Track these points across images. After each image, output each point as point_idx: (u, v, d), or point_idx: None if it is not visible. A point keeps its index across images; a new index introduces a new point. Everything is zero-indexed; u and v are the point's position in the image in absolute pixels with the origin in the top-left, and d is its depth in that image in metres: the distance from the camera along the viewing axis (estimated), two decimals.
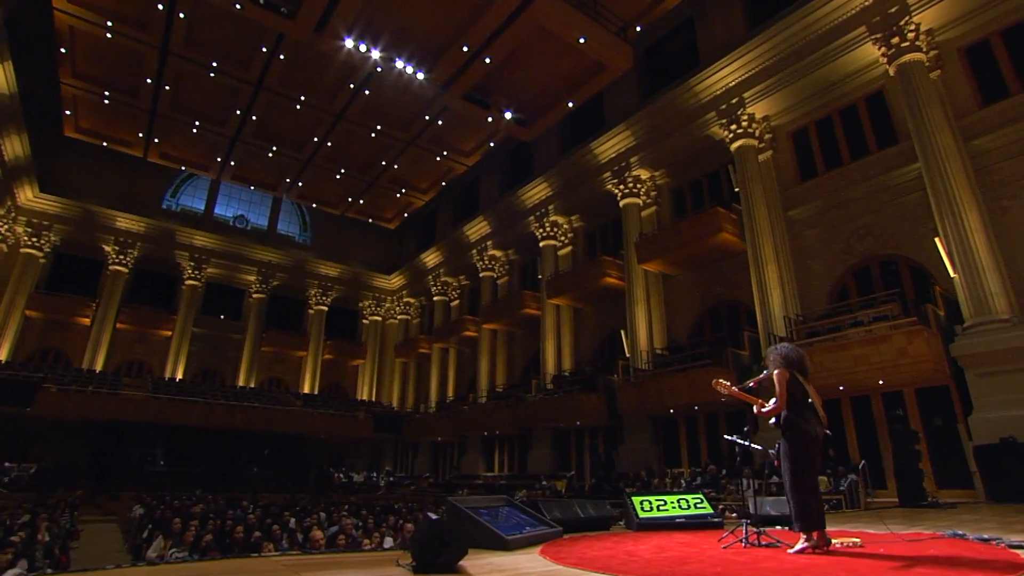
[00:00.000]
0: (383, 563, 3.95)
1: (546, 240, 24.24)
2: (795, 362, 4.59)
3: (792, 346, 4.74)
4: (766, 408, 4.63)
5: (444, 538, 3.50)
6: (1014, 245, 11.92)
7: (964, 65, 13.57)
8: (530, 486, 18.86)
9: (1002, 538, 4.67)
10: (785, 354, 4.61)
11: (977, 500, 10.27)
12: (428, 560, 3.45)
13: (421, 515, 4.52)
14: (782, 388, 4.52)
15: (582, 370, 21.51)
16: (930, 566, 3.41)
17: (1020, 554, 3.97)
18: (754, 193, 16.36)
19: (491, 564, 3.80)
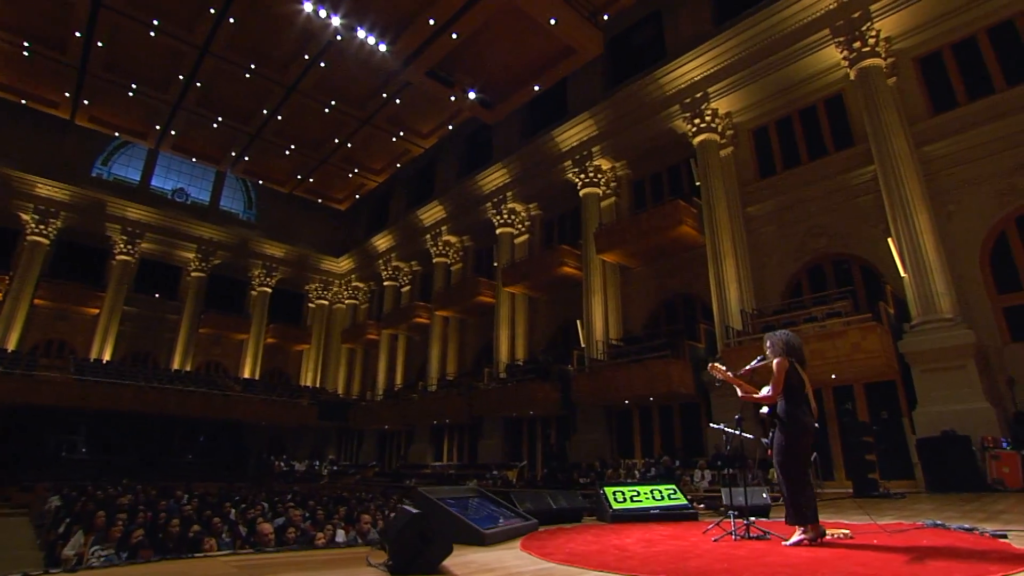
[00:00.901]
0: (351, 562, 3.51)
1: (503, 227, 23.87)
2: (796, 351, 4.42)
3: (792, 334, 4.56)
4: (759, 395, 4.43)
5: (426, 534, 3.10)
6: (957, 249, 12.41)
7: (918, 74, 14.02)
8: (480, 476, 18.55)
9: (977, 527, 4.67)
10: (787, 341, 4.43)
11: (918, 490, 10.62)
12: (407, 559, 3.04)
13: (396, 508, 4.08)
14: (780, 377, 4.33)
15: (536, 359, 21.32)
16: (940, 558, 3.28)
17: (1010, 543, 3.92)
18: (715, 188, 16.48)
19: (475, 563, 3.43)
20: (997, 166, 12.32)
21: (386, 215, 32.21)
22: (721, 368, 4.65)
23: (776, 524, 4.76)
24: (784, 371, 4.33)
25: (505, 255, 23.39)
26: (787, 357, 4.37)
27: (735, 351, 13.70)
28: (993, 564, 3.14)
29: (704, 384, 15.16)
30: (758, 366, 4.67)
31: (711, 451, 14.39)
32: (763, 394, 4.42)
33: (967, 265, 12.27)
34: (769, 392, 4.36)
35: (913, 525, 4.85)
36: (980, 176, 12.51)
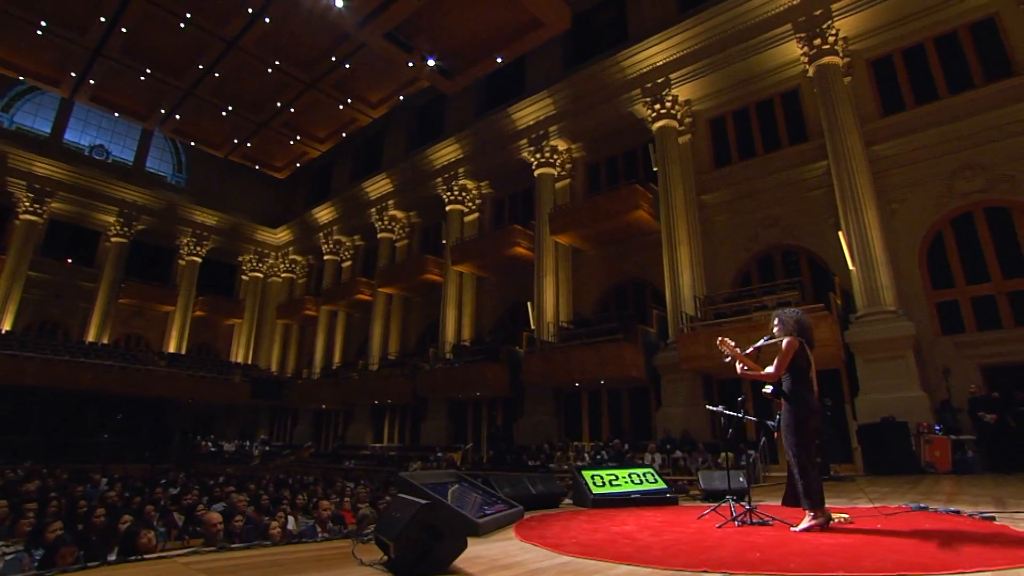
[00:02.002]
0: (335, 561, 3.06)
1: (453, 204, 23.26)
2: (806, 331, 4.27)
3: (803, 314, 4.41)
4: (762, 372, 4.29)
5: (437, 528, 2.69)
6: (899, 245, 12.96)
7: (870, 75, 14.48)
8: (425, 458, 18.12)
9: (960, 509, 4.75)
10: (798, 320, 4.29)
11: (857, 473, 11.09)
12: (414, 557, 2.63)
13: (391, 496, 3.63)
14: (787, 356, 4.19)
15: (483, 340, 21.01)
16: (965, 542, 3.20)
17: (1008, 525, 3.95)
18: (672, 174, 16.55)
19: (482, 558, 3.06)
20: (938, 169, 12.91)
21: (328, 186, 30.79)
22: (730, 343, 4.48)
23: (771, 508, 4.64)
24: (793, 351, 4.19)
25: (455, 233, 22.82)
26: (797, 337, 4.22)
27: (689, 337, 13.85)
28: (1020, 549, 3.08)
29: (655, 368, 15.32)
30: (765, 345, 4.51)
31: (660, 435, 14.55)
32: (766, 371, 4.27)
33: (907, 261, 12.84)
34: (772, 370, 4.21)
35: (900, 508, 4.87)
36: (922, 178, 13.08)
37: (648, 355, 15.50)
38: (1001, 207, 12.10)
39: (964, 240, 12.45)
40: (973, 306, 12.07)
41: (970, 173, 12.41)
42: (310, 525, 5.91)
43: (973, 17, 13.21)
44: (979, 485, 7.82)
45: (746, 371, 4.41)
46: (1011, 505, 5.32)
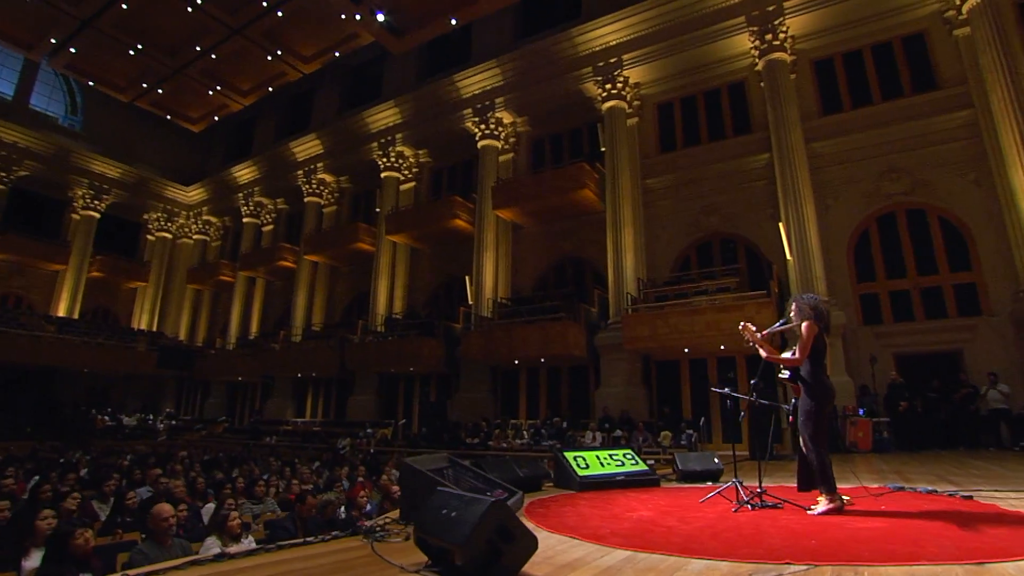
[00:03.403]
0: (369, 569, 2.65)
1: (389, 171, 22.26)
2: (823, 317, 4.25)
3: (820, 299, 4.39)
4: (785, 357, 4.25)
5: (508, 530, 2.37)
6: (831, 239, 13.72)
7: (813, 75, 15.11)
8: (354, 434, 17.45)
9: (934, 488, 5.02)
10: (815, 306, 4.26)
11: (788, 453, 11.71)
12: (483, 564, 2.29)
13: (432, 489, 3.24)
14: (808, 342, 4.16)
15: (416, 313, 20.43)
16: (981, 524, 3.29)
17: (996, 504, 4.18)
18: (620, 156, 16.61)
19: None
20: (868, 170, 13.73)
21: (250, 143, 28.56)
22: (752, 328, 4.42)
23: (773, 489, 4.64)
24: (813, 335, 4.17)
25: (389, 201, 21.90)
26: (815, 322, 4.20)
27: (633, 318, 14.04)
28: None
29: (596, 348, 15.47)
30: (781, 329, 4.49)
31: (599, 414, 14.72)
32: (789, 356, 4.24)
33: (837, 254, 13.63)
34: (796, 355, 4.19)
35: (882, 488, 5.06)
36: (854, 177, 13.87)
37: (589, 334, 15.62)
38: (920, 209, 13.08)
39: (887, 238, 13.37)
40: (891, 299, 13.04)
41: (896, 176, 13.29)
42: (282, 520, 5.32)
43: (906, 31, 14.05)
44: (907, 463, 8.45)
45: (772, 357, 4.33)
46: (960, 482, 5.73)
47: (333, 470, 8.59)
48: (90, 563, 3.68)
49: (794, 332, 4.42)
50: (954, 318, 12.19)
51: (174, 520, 4.18)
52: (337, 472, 8.35)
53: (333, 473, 8.33)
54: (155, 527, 4.05)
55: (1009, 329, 11.51)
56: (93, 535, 3.96)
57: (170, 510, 4.16)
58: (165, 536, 4.03)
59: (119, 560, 3.99)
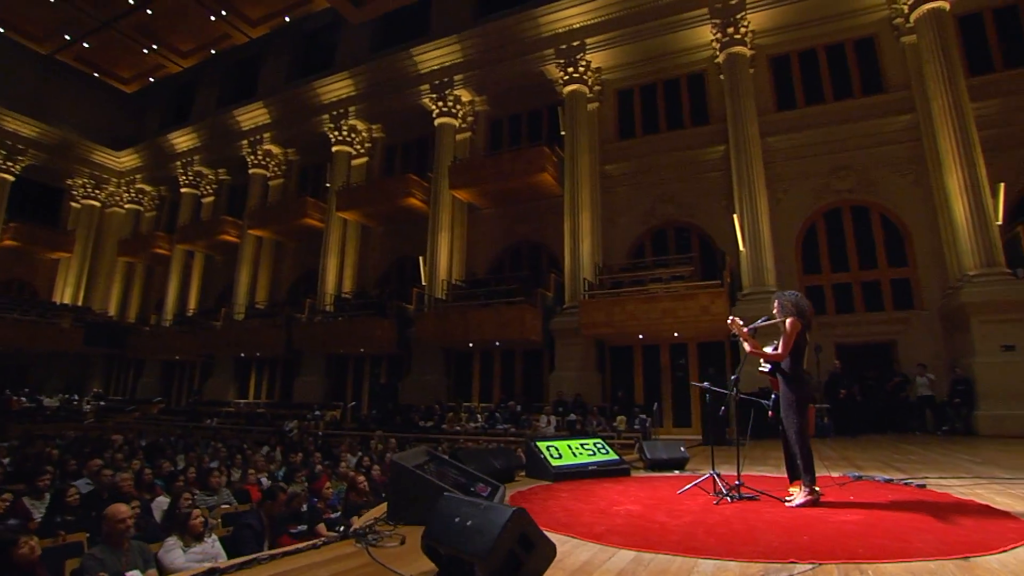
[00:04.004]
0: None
1: (341, 145, 21.45)
2: (806, 314, 4.33)
3: (803, 296, 4.47)
4: (768, 352, 4.32)
5: (529, 538, 2.27)
6: (781, 233, 14.18)
7: (769, 71, 15.47)
8: (301, 416, 16.94)
9: (891, 477, 5.27)
10: (797, 303, 4.33)
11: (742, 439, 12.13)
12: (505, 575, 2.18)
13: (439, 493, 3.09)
14: (791, 338, 4.23)
15: (367, 293, 19.94)
16: (954, 514, 3.45)
17: (950, 492, 4.42)
18: (579, 141, 16.57)
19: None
20: (818, 166, 14.24)
21: (190, 109, 26.82)
22: (739, 323, 4.43)
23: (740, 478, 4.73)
24: (797, 331, 4.24)
25: (340, 176, 21.12)
26: (799, 319, 4.27)
27: (590, 304, 14.13)
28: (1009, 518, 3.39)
29: (551, 332, 15.52)
30: (765, 325, 4.54)
31: (553, 397, 14.82)
32: (771, 351, 4.31)
33: (785, 247, 14.13)
34: (779, 350, 4.26)
35: (844, 478, 5.27)
36: (805, 172, 14.36)
37: (545, 319, 15.65)
38: (864, 207, 13.70)
39: (832, 232, 13.96)
40: (834, 291, 13.66)
41: (843, 173, 13.85)
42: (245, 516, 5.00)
43: (857, 34, 14.56)
44: (849, 448, 8.92)
45: (755, 351, 4.39)
46: (906, 468, 6.06)
47: (288, 458, 8.24)
48: (36, 574, 3.34)
49: (777, 328, 4.48)
50: (890, 311, 12.91)
51: (131, 521, 3.85)
52: (293, 459, 8.03)
53: (290, 462, 8.00)
54: (110, 530, 3.71)
55: (937, 323, 12.29)
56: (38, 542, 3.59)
57: (126, 510, 3.82)
58: (120, 539, 3.70)
59: (67, 567, 3.65)
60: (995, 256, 11.02)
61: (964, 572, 2.62)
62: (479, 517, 2.28)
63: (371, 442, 11.79)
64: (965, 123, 11.63)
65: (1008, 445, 8.81)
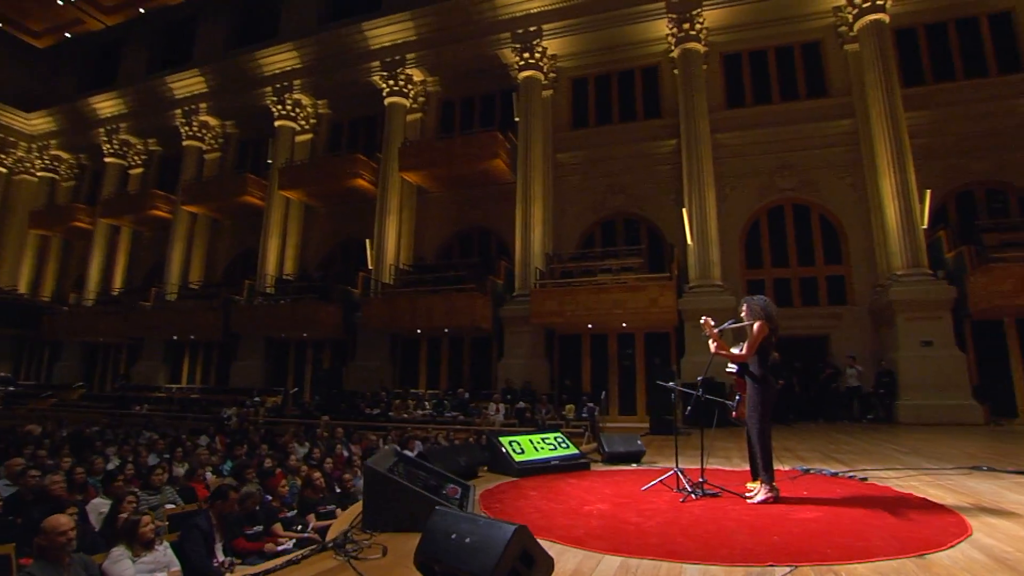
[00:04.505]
0: None
1: (284, 120, 20.51)
2: (773, 317, 4.46)
3: (768, 300, 4.59)
4: (733, 352, 4.43)
5: (530, 554, 2.22)
6: (727, 227, 14.66)
7: (721, 68, 15.83)
8: (240, 402, 16.26)
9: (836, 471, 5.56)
10: (765, 307, 4.46)
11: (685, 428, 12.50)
12: None
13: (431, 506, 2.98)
14: (757, 340, 4.35)
15: (310, 275, 19.28)
16: (902, 509, 3.66)
17: (890, 486, 4.71)
18: (533, 128, 16.50)
19: None
20: (763, 164, 14.77)
21: (115, 71, 24.86)
22: (711, 323, 4.51)
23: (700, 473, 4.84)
24: (764, 335, 4.36)
25: (284, 153, 20.24)
26: (767, 323, 4.39)
27: (541, 293, 14.19)
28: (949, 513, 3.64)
29: (501, 319, 15.51)
30: (734, 327, 4.64)
31: (501, 385, 14.86)
32: (738, 352, 4.42)
33: (730, 241, 14.62)
34: (744, 351, 4.37)
35: (794, 471, 5.52)
36: (751, 170, 14.87)
37: (495, 306, 15.61)
38: (805, 205, 14.34)
39: (775, 229, 14.55)
40: (775, 286, 14.27)
41: (787, 172, 14.43)
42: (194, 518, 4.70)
43: (805, 38, 15.13)
44: (788, 438, 9.37)
45: (721, 352, 4.49)
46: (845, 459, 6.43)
47: (234, 451, 7.85)
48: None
49: (743, 331, 4.59)
50: (825, 306, 13.64)
51: (73, 532, 3.53)
52: (238, 453, 7.66)
53: (235, 455, 7.62)
54: (49, 544, 3.38)
55: (867, 318, 13.09)
56: None
57: (67, 522, 3.48)
58: (61, 553, 3.38)
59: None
60: (920, 258, 11.81)
61: (922, 571, 2.76)
62: (479, 534, 2.21)
63: (317, 430, 11.46)
64: (899, 131, 12.34)
65: (925, 433, 9.54)
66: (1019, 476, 5.40)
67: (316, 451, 7.88)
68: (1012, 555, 2.95)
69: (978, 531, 3.38)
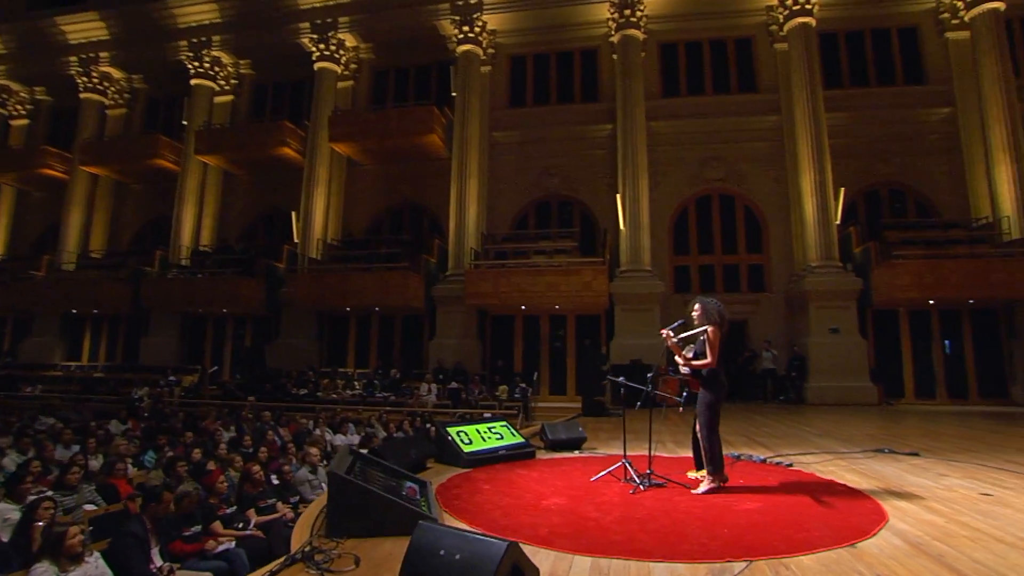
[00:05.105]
0: None
1: (202, 79, 19.04)
2: (725, 321, 4.65)
3: (720, 302, 4.78)
4: (698, 363, 4.56)
5: (521, 569, 2.24)
6: (657, 214, 15.14)
7: (658, 58, 16.14)
8: (153, 382, 15.23)
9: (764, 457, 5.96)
10: (719, 311, 4.64)
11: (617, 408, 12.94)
12: None
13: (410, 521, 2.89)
14: (716, 346, 4.51)
15: (230, 248, 18.22)
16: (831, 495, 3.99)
17: (815, 473, 5.11)
18: (471, 104, 16.24)
19: None
20: (694, 154, 15.32)
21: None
22: (672, 336, 4.64)
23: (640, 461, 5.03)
24: (719, 340, 4.53)
25: (201, 114, 18.84)
26: (719, 327, 4.57)
27: (477, 274, 14.14)
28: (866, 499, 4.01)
29: (434, 299, 15.35)
30: (690, 335, 4.73)
31: (433, 364, 14.77)
32: (702, 361, 4.54)
33: (660, 228, 15.13)
34: (708, 359, 4.50)
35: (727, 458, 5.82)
36: (682, 159, 15.39)
37: (427, 285, 15.42)
38: (731, 196, 15.05)
39: (702, 218, 15.19)
40: (699, 272, 14.96)
41: (716, 163, 15.05)
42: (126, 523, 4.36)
43: (738, 33, 15.68)
44: None
45: (690, 361, 4.59)
46: (767, 443, 6.93)
47: (157, 441, 7.31)
48: None
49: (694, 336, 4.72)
50: (745, 292, 14.47)
51: None
52: (161, 443, 7.15)
53: (159, 447, 7.11)
54: None
55: (782, 305, 14.02)
56: None
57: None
58: None
59: None
60: (832, 251, 12.75)
61: (856, 560, 3.02)
62: (467, 551, 2.19)
63: (243, 412, 10.91)
64: (820, 131, 13.15)
65: (832, 415, 10.42)
66: (913, 458, 6.05)
67: (247, 439, 7.52)
68: (925, 540, 3.28)
69: (893, 516, 3.74)
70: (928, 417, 10.27)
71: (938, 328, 12.92)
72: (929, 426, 9.03)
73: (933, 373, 12.78)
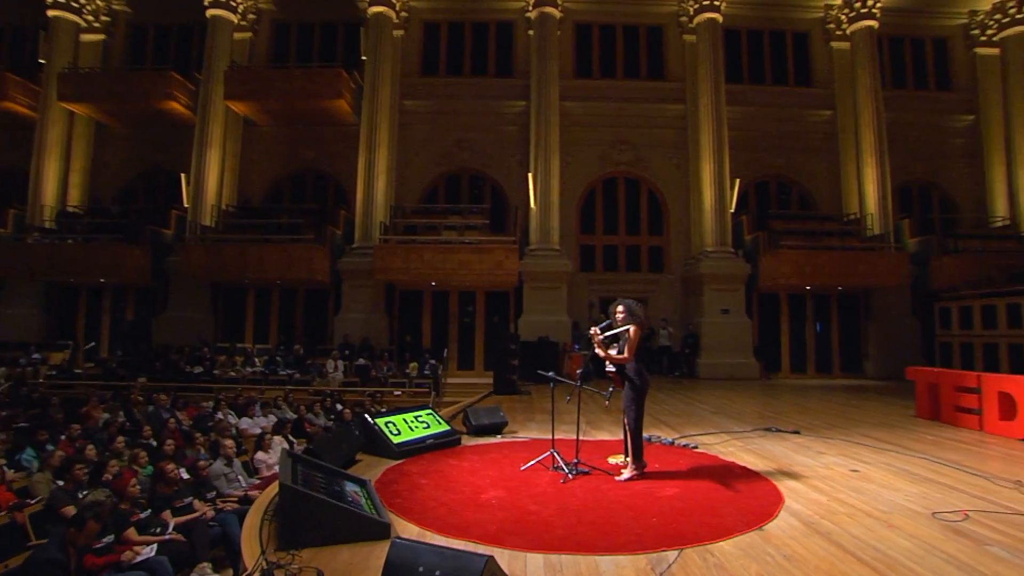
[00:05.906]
0: None
1: (62, 11, 16.69)
2: (646, 320, 4.97)
3: (642, 305, 5.10)
4: (616, 357, 4.84)
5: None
6: (566, 193, 15.50)
7: (573, 37, 16.28)
8: (12, 361, 13.55)
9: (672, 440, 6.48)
10: (641, 312, 4.94)
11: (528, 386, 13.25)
12: None
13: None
14: (635, 343, 4.81)
15: (106, 210, 16.42)
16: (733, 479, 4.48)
17: (719, 456, 5.66)
18: (382, 70, 15.59)
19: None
20: (603, 136, 15.78)
21: None
22: (599, 333, 4.86)
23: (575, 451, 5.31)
24: (639, 337, 4.84)
25: (63, 54, 16.58)
26: (640, 326, 4.88)
27: (386, 248, 13.82)
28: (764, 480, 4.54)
29: (339, 273, 14.83)
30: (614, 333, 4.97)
31: (339, 340, 14.34)
32: (620, 356, 4.83)
33: (568, 208, 15.53)
34: (626, 355, 4.80)
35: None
36: (592, 140, 15.80)
37: (333, 258, 14.85)
38: (636, 179, 15.73)
39: (608, 199, 15.79)
40: (604, 252, 15.60)
41: (624, 147, 15.62)
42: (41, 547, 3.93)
43: (650, 21, 16.17)
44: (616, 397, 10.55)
45: (610, 356, 4.85)
46: (670, 422, 7.55)
47: (35, 437, 6.53)
48: None
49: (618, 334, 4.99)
50: (646, 272, 15.33)
51: None
52: (41, 439, 6.42)
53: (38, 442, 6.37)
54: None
55: (678, 285, 15.03)
56: None
57: None
58: None
59: None
60: (726, 238, 13.81)
61: (766, 543, 3.43)
62: (447, 566, 2.27)
63: (131, 395, 10.04)
64: (721, 123, 14.05)
65: (720, 389, 11.46)
66: (796, 436, 6.85)
67: (147, 430, 6.99)
68: (815, 520, 3.78)
69: (788, 497, 4.27)
70: (801, 392, 11.56)
71: (811, 311, 14.55)
72: (802, 401, 10.20)
73: (805, 351, 14.43)
